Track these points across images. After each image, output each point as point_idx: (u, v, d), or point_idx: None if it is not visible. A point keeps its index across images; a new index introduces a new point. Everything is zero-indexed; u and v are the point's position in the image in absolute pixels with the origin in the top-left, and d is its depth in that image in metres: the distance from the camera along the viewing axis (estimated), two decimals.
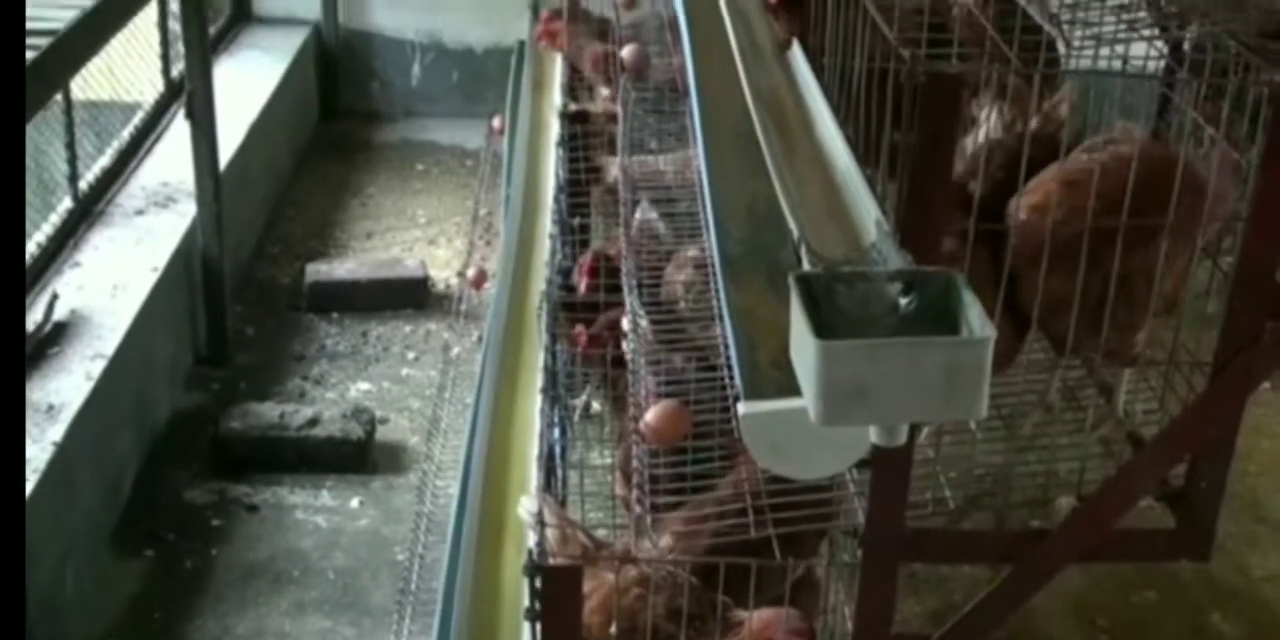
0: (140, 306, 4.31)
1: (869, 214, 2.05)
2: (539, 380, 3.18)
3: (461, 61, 7.19)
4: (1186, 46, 2.13)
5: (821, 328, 1.64)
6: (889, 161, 2.19)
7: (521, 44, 5.84)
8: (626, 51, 4.34)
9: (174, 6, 5.22)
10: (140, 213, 4.85)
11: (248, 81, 6.15)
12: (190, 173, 4.80)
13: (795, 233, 2.06)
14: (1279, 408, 4.83)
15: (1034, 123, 2.32)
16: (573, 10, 5.38)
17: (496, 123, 5.48)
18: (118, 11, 3.83)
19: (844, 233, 2.07)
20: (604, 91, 4.75)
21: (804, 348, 1.64)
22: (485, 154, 5.70)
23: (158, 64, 5.58)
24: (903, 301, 1.73)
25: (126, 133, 5.23)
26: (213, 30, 6.24)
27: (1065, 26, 1.99)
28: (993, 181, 2.14)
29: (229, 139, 5.26)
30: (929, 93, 1.78)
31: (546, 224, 3.82)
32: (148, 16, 5.24)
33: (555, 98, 4.94)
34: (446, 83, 7.22)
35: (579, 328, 3.49)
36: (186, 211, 4.84)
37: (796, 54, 2.72)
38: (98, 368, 3.95)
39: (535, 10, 5.90)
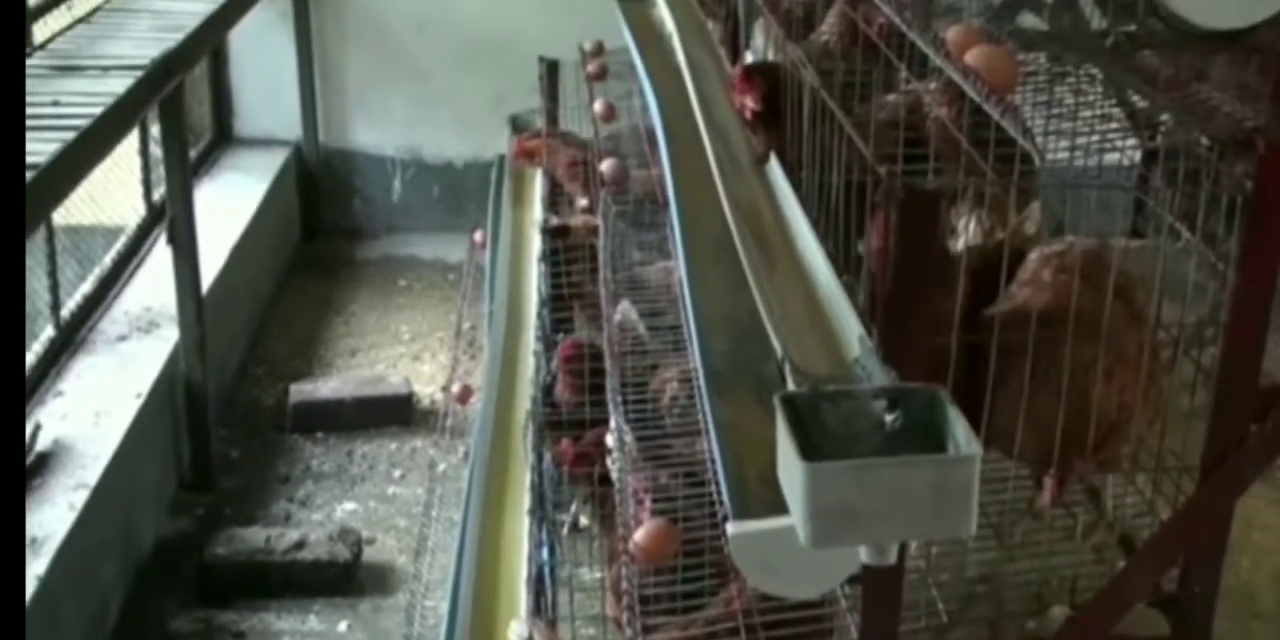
0: (124, 434, 4.28)
1: (852, 329, 2.06)
2: (526, 499, 3.16)
3: (442, 176, 7.26)
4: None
5: (808, 448, 1.64)
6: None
7: (501, 158, 5.92)
8: (606, 165, 4.39)
9: (155, 131, 5.29)
10: (123, 338, 4.84)
11: (230, 203, 6.19)
12: (173, 297, 4.81)
13: (779, 350, 2.06)
14: (1269, 499, 4.81)
15: (1002, 236, 2.34)
16: (549, 128, 5.48)
17: (478, 237, 5.53)
18: (100, 142, 3.87)
19: (827, 348, 2.08)
20: (582, 201, 4.80)
21: (791, 469, 1.64)
22: (468, 268, 5.73)
23: (139, 188, 5.62)
24: (888, 418, 1.73)
25: (109, 258, 5.25)
26: (194, 153, 6.31)
27: (1039, 137, 2.02)
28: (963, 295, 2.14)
29: (211, 262, 5.28)
30: (907, 208, 1.80)
31: (530, 340, 3.83)
32: (129, 140, 5.30)
33: (536, 211, 4.99)
34: (427, 198, 7.28)
35: (564, 443, 3.48)
36: (169, 336, 4.84)
37: (774, 167, 2.76)
38: (81, 498, 3.91)
39: (514, 125, 6.00)
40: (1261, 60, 1.93)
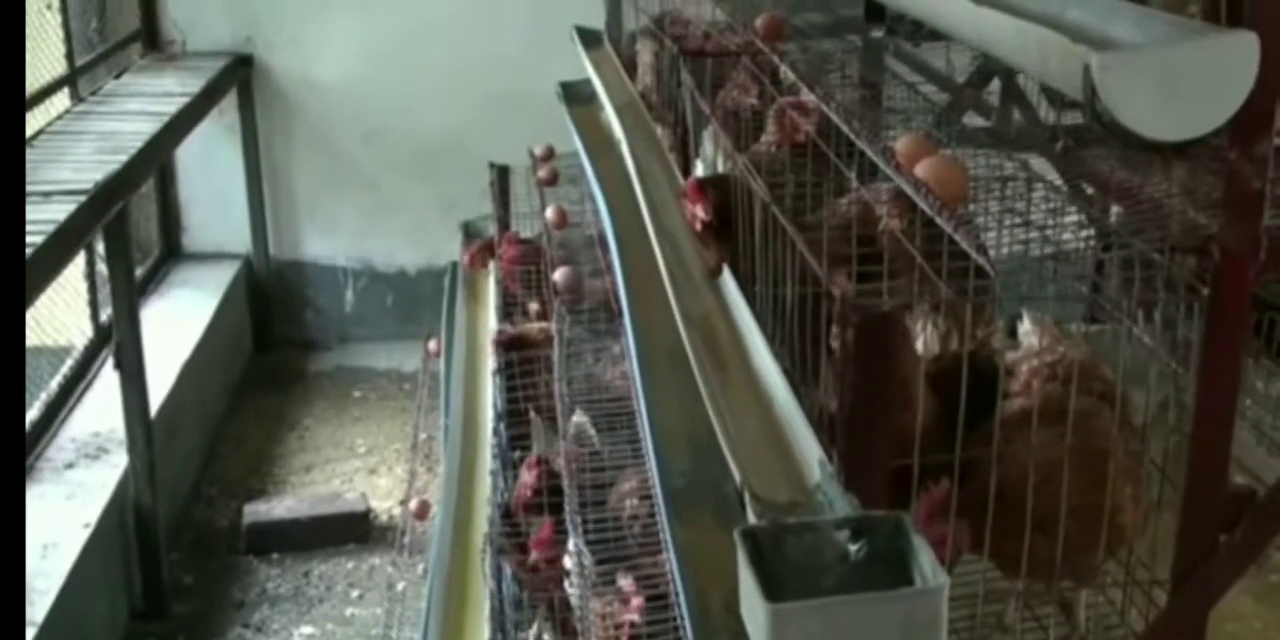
0: (72, 566, 4.15)
1: (811, 452, 2.00)
2: (486, 626, 3.06)
3: (395, 284, 7.21)
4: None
5: (770, 584, 1.58)
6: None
7: (454, 265, 5.88)
8: (559, 274, 4.36)
9: (102, 248, 5.22)
10: (70, 466, 4.72)
11: (179, 320, 6.11)
12: (121, 420, 4.70)
13: (737, 476, 2.00)
14: (1242, 587, 4.74)
15: (959, 342, 2.30)
16: (503, 229, 5.45)
17: (432, 346, 5.46)
18: (43, 271, 3.80)
19: (786, 473, 2.02)
20: (533, 306, 4.75)
21: (754, 608, 1.57)
22: (422, 377, 5.65)
23: (86, 309, 5.53)
24: (852, 548, 1.67)
25: (55, 383, 5.14)
26: (142, 270, 6.25)
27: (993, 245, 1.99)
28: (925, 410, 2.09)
29: (160, 382, 5.19)
30: (863, 331, 1.76)
31: (486, 457, 3.75)
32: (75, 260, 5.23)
33: (490, 319, 4.94)
34: (381, 306, 7.22)
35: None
36: (118, 462, 4.72)
37: (728, 280, 2.72)
38: (28, 637, 3.77)
39: (466, 231, 5.97)
40: (1211, 164, 1.91)
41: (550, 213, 4.91)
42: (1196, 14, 1.92)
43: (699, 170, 3.39)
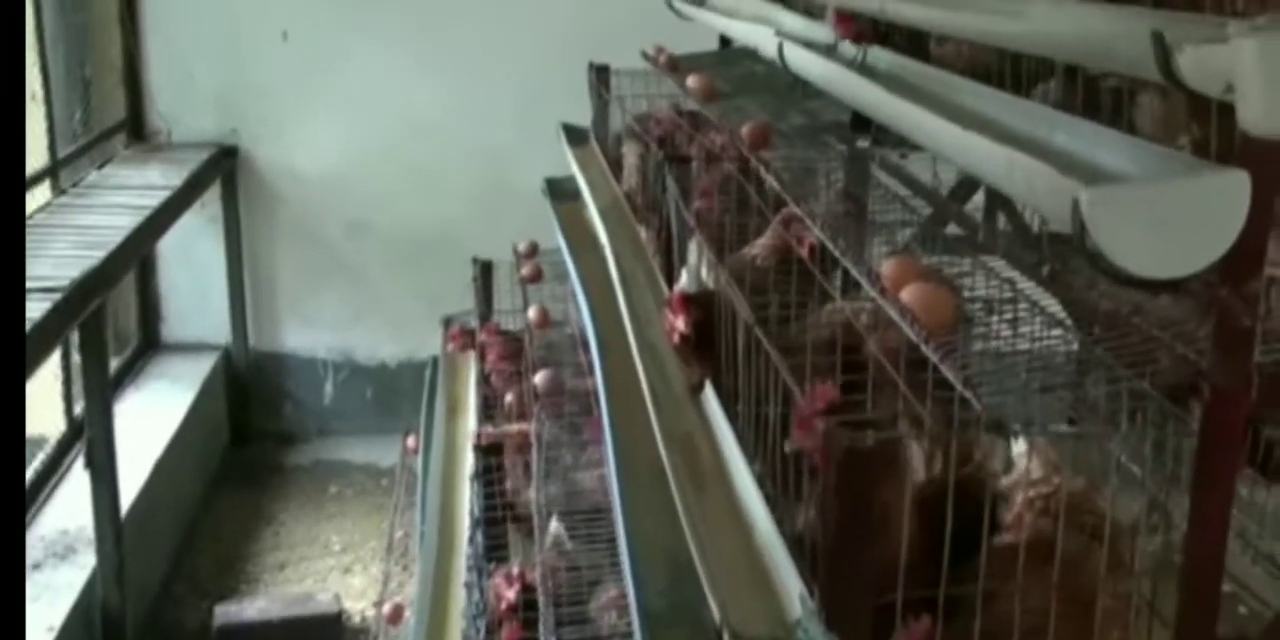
0: None
1: (792, 585, 1.94)
2: None
3: (375, 377, 7.16)
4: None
5: None
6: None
7: (435, 359, 5.84)
8: (539, 377, 4.32)
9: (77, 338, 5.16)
10: (37, 567, 4.62)
11: (155, 412, 6.03)
12: (91, 518, 4.61)
13: (715, 609, 1.94)
14: None
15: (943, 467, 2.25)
16: (484, 326, 5.42)
17: (411, 442, 5.41)
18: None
19: (766, 606, 1.96)
20: (514, 401, 4.70)
21: None
22: (400, 475, 5.58)
23: (59, 403, 5.46)
24: None
25: (26, 477, 5.05)
26: (119, 361, 6.19)
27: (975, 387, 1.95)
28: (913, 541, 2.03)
29: (133, 478, 5.11)
30: (846, 466, 1.71)
31: (462, 566, 3.68)
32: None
33: (470, 418, 4.89)
34: (360, 399, 7.17)
35: None
36: (86, 563, 4.62)
37: (710, 397, 2.67)
38: None
39: (447, 325, 5.94)
40: (1200, 299, 1.88)
41: (532, 313, 4.89)
42: (1186, 146, 1.90)
43: (684, 279, 3.36)
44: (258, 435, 7.05)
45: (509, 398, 4.74)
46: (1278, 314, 1.93)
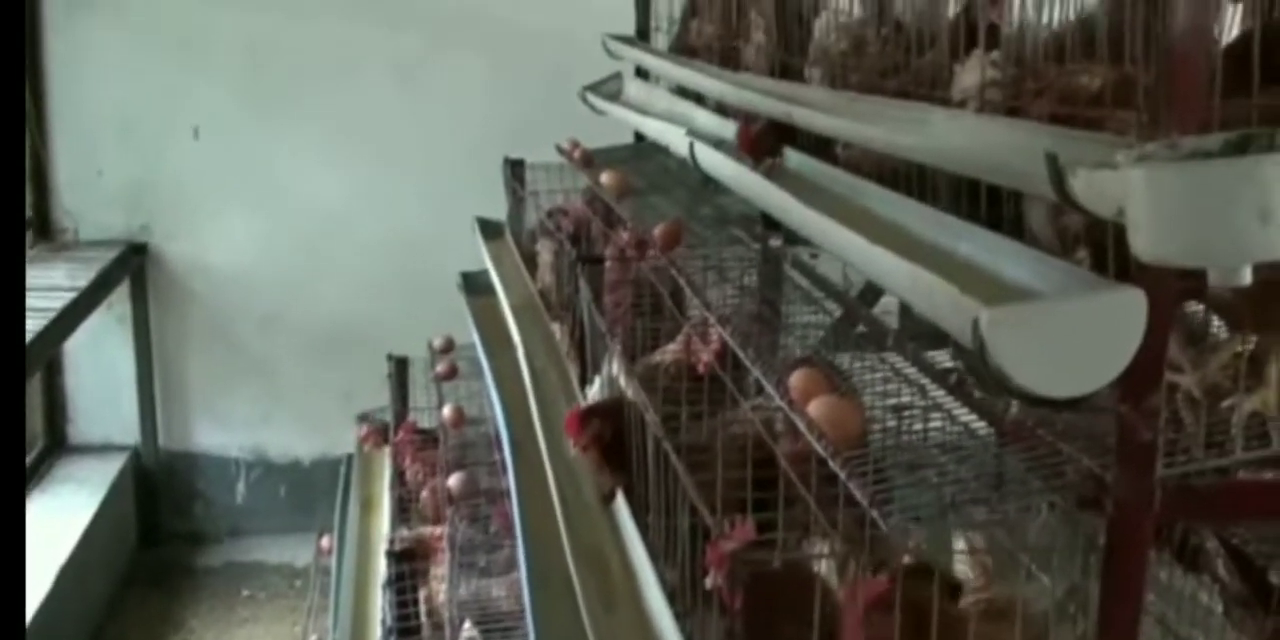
0: None
1: None
2: None
3: (289, 475, 7.04)
4: None
5: None
6: None
7: (349, 457, 5.76)
8: (454, 480, 4.26)
9: None
10: None
11: (60, 517, 5.88)
12: None
13: None
14: None
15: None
16: (399, 423, 5.36)
17: (325, 542, 5.30)
18: None
19: None
20: (428, 500, 4.63)
21: None
22: (314, 576, 5.46)
23: None
24: None
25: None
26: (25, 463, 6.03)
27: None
28: None
29: (38, 585, 4.96)
30: (753, 592, 1.69)
31: None
32: None
33: (384, 520, 4.81)
34: (274, 498, 7.04)
35: None
36: None
37: (621, 507, 2.65)
38: None
39: (362, 422, 5.86)
40: (1103, 414, 1.89)
41: (447, 411, 4.84)
42: (1085, 260, 1.92)
43: (597, 384, 3.34)
44: (168, 537, 6.88)
45: (425, 498, 4.68)
46: (1187, 423, 1.95)
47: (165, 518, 6.92)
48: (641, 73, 4.82)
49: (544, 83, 5.96)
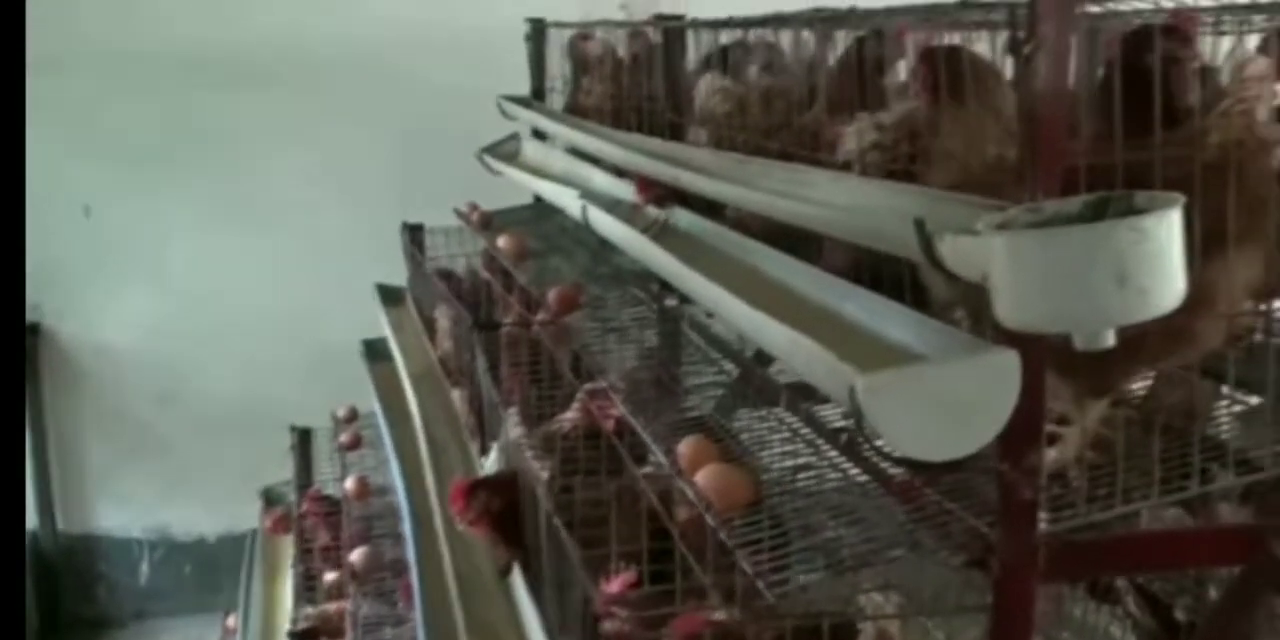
0: None
1: None
2: None
3: (193, 554, 6.88)
4: None
5: None
6: None
7: (254, 533, 5.64)
8: (356, 555, 4.20)
9: None
10: None
11: None
12: None
13: None
14: None
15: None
16: (303, 497, 5.27)
17: (231, 622, 5.18)
18: None
19: None
20: (333, 577, 4.55)
21: None
22: None
23: None
24: None
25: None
26: None
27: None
28: None
29: None
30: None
31: None
32: None
33: (288, 598, 4.71)
34: (178, 578, 6.87)
35: None
36: None
37: (518, 581, 2.61)
38: None
39: (266, 497, 5.76)
40: (984, 472, 1.90)
41: (350, 483, 4.77)
42: (964, 320, 1.94)
43: (493, 453, 3.31)
44: (69, 622, 6.68)
45: (329, 574, 4.59)
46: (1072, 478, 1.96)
47: (66, 603, 6.72)
48: (539, 133, 4.83)
49: (447, 143, 5.90)
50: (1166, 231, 1.34)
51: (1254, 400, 2.39)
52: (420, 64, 6.40)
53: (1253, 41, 2.51)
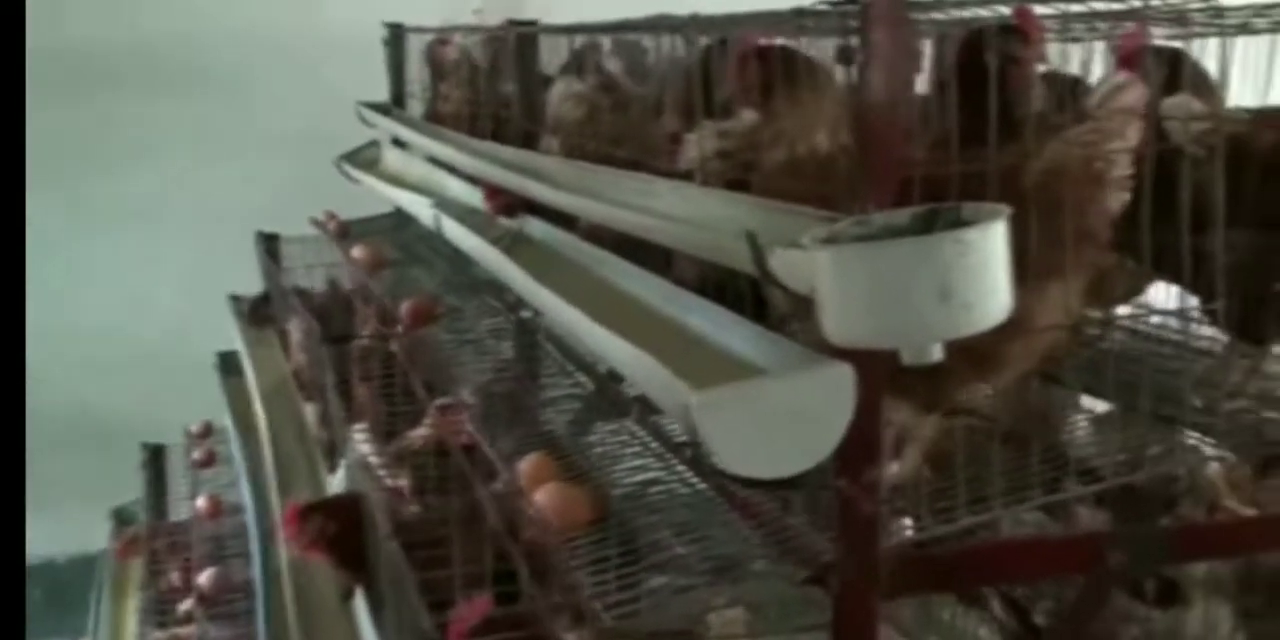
0: None
1: None
2: None
3: (43, 577, 6.62)
4: None
5: None
6: None
7: (103, 552, 5.47)
8: (205, 577, 4.07)
9: None
10: None
11: None
12: None
13: None
14: None
15: None
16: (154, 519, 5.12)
17: None
18: None
19: None
20: (186, 605, 4.40)
21: None
22: None
23: None
24: None
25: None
26: None
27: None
28: None
29: None
30: None
31: None
32: None
33: (134, 623, 4.57)
34: (29, 601, 6.61)
35: None
36: None
37: (361, 605, 2.52)
38: None
39: (118, 518, 5.57)
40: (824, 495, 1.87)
41: (201, 502, 4.63)
42: (801, 333, 1.90)
43: (340, 471, 3.21)
44: None
45: (182, 601, 4.45)
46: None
47: None
48: (400, 140, 4.74)
49: (309, 150, 5.72)
50: (990, 244, 1.31)
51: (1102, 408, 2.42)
52: (293, 69, 6.25)
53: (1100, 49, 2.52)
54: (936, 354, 1.37)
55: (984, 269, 1.30)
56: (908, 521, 1.86)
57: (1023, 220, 1.37)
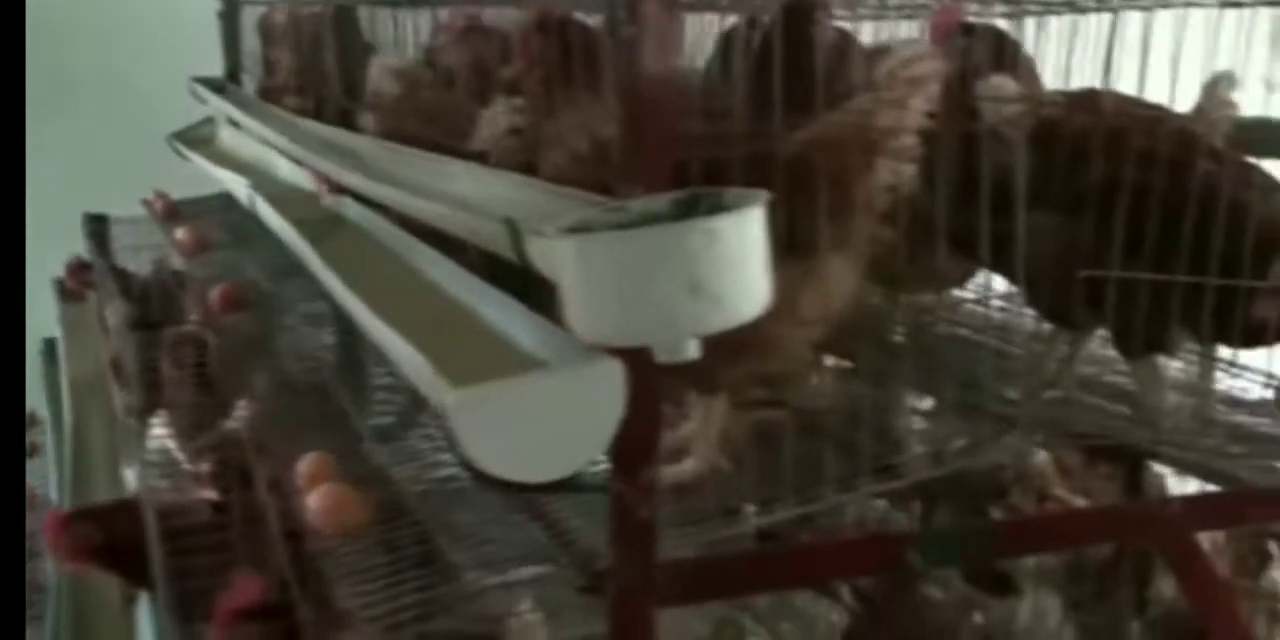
0: None
1: None
2: None
3: None
4: None
5: None
6: None
7: None
8: None
9: None
10: None
11: None
12: None
13: None
14: None
15: None
16: None
17: None
18: None
19: None
20: None
21: None
22: None
23: None
24: None
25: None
26: None
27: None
28: None
29: None
30: None
31: None
32: None
33: None
34: None
35: None
36: None
37: (143, 609, 2.38)
38: None
39: None
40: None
41: None
42: None
43: (135, 467, 3.03)
44: None
45: None
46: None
47: None
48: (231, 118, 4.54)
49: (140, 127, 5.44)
50: (744, 233, 1.21)
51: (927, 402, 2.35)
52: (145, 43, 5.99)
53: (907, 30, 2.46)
54: (692, 351, 1.26)
55: (735, 259, 1.20)
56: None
57: (781, 194, 1.26)
